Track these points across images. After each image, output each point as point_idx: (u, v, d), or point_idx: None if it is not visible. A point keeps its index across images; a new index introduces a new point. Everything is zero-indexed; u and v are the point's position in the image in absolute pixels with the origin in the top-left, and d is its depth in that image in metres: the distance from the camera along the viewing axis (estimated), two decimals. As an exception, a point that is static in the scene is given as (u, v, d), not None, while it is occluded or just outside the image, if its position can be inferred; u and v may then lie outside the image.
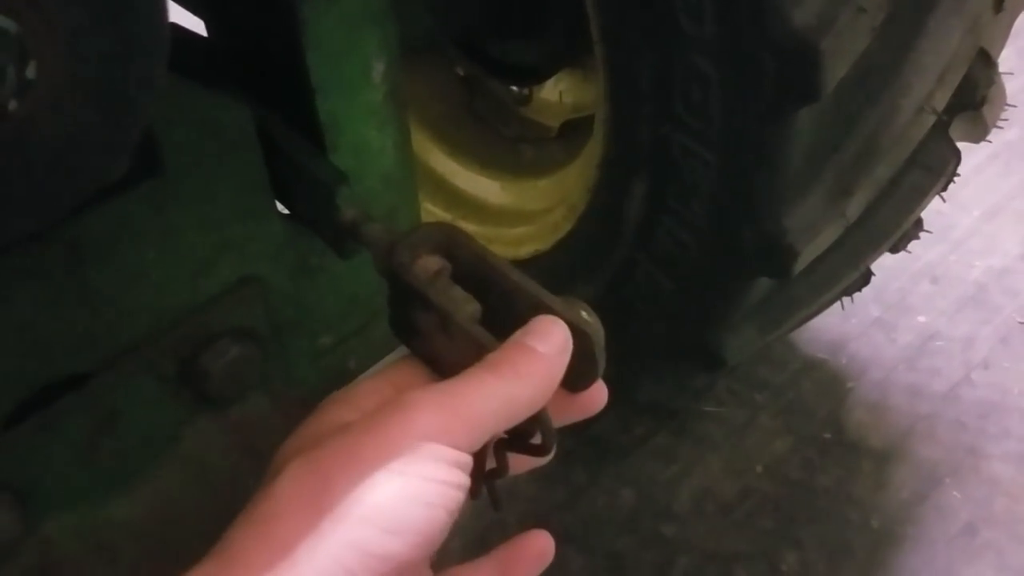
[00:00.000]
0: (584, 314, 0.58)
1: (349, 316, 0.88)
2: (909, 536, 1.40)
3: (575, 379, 0.57)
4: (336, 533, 0.44)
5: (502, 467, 0.57)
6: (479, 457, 0.57)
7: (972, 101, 0.99)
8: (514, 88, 1.48)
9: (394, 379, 0.56)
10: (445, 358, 0.57)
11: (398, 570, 0.45)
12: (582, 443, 1.50)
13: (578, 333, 0.56)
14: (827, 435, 1.53)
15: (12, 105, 0.40)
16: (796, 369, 1.61)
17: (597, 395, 0.56)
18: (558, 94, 1.45)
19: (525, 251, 1.30)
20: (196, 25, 0.80)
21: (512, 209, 1.44)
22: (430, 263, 0.61)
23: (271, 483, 0.47)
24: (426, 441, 0.46)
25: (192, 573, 0.45)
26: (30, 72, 0.39)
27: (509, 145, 1.53)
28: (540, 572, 0.57)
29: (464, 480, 0.48)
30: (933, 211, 1.16)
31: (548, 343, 0.51)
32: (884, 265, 1.20)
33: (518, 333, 0.53)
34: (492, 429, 0.49)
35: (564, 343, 0.52)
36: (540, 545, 0.57)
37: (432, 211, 1.45)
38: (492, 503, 0.58)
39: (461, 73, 1.53)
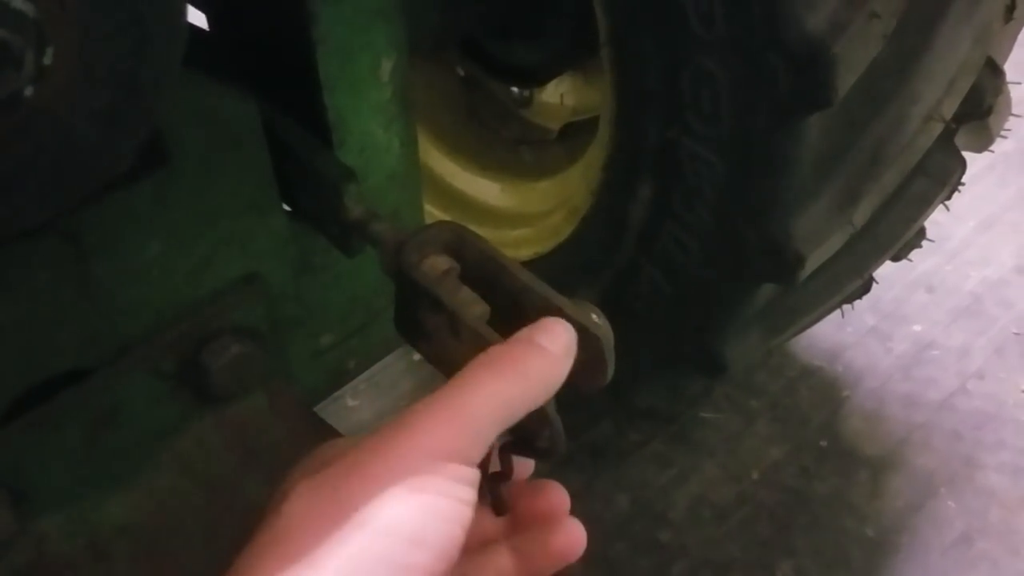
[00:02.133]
0: (594, 316, 0.57)
1: (350, 315, 0.88)
2: (904, 545, 1.40)
3: (584, 381, 0.57)
4: (359, 543, 0.43)
5: (507, 471, 0.56)
6: (483, 461, 0.56)
7: (979, 110, 0.99)
8: (515, 90, 1.47)
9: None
10: (452, 359, 0.56)
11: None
12: (578, 448, 1.49)
13: (588, 335, 0.55)
14: (823, 443, 1.53)
15: (28, 91, 0.39)
16: (792, 376, 1.61)
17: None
18: (559, 96, 1.44)
19: (525, 254, 1.29)
20: (196, 20, 0.79)
21: (512, 211, 1.44)
22: (438, 263, 0.60)
23: (280, 506, 0.46)
24: (437, 458, 0.45)
25: None
26: (47, 58, 0.39)
27: (509, 147, 1.52)
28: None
29: (473, 496, 0.47)
30: (929, 221, 1.16)
31: (555, 342, 0.51)
32: (880, 274, 1.20)
33: (525, 330, 0.52)
34: (497, 431, 0.48)
35: (570, 344, 0.51)
36: (572, 534, 0.56)
37: (431, 212, 1.44)
38: (496, 508, 0.57)
39: (462, 74, 1.52)
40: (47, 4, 0.37)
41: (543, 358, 0.50)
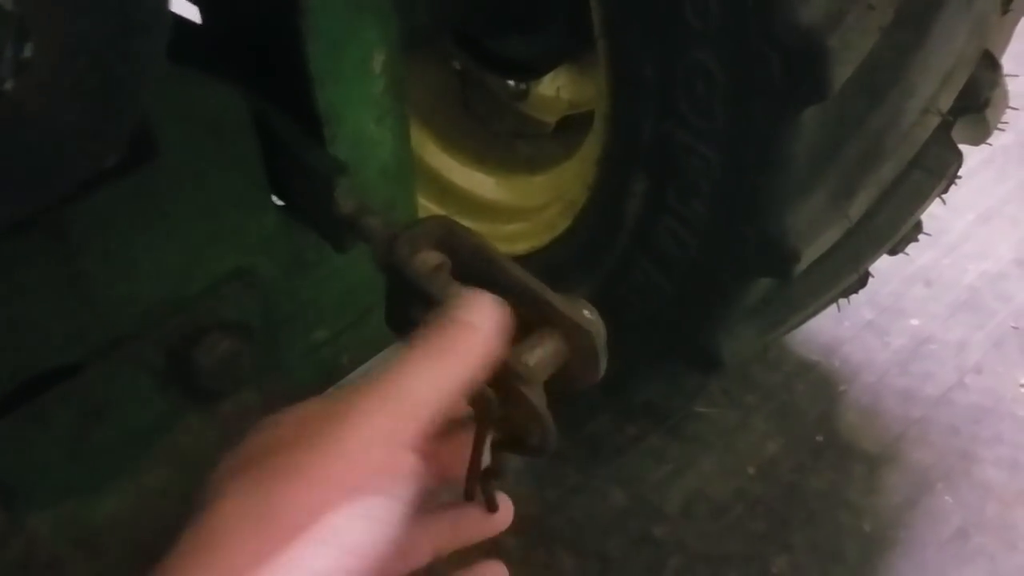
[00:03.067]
0: (586, 312, 0.56)
1: (343, 311, 0.87)
2: (901, 540, 1.40)
3: (577, 377, 0.56)
4: (286, 558, 0.41)
5: (498, 469, 0.56)
6: (474, 459, 0.56)
7: (976, 103, 0.99)
8: (510, 83, 1.46)
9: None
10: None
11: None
12: (574, 443, 1.49)
13: (580, 331, 0.55)
14: (819, 438, 1.52)
15: (8, 85, 0.38)
16: (789, 371, 1.60)
17: (503, 514, 0.56)
18: (555, 90, 1.44)
19: (520, 248, 1.29)
20: (191, 13, 0.78)
21: (507, 205, 1.43)
22: (430, 258, 0.59)
23: (212, 505, 0.44)
24: (373, 445, 0.44)
25: None
26: (27, 52, 0.38)
27: (504, 141, 1.52)
28: None
29: (410, 491, 0.45)
30: (928, 214, 1.15)
31: (481, 315, 0.49)
32: (878, 268, 1.19)
33: (451, 309, 0.50)
34: (434, 412, 0.47)
35: (498, 316, 0.50)
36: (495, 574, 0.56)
37: (426, 206, 1.44)
38: (487, 506, 0.57)
39: (457, 67, 1.51)
40: (26, -3, 0.37)
41: (472, 335, 0.49)
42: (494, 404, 0.53)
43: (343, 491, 0.43)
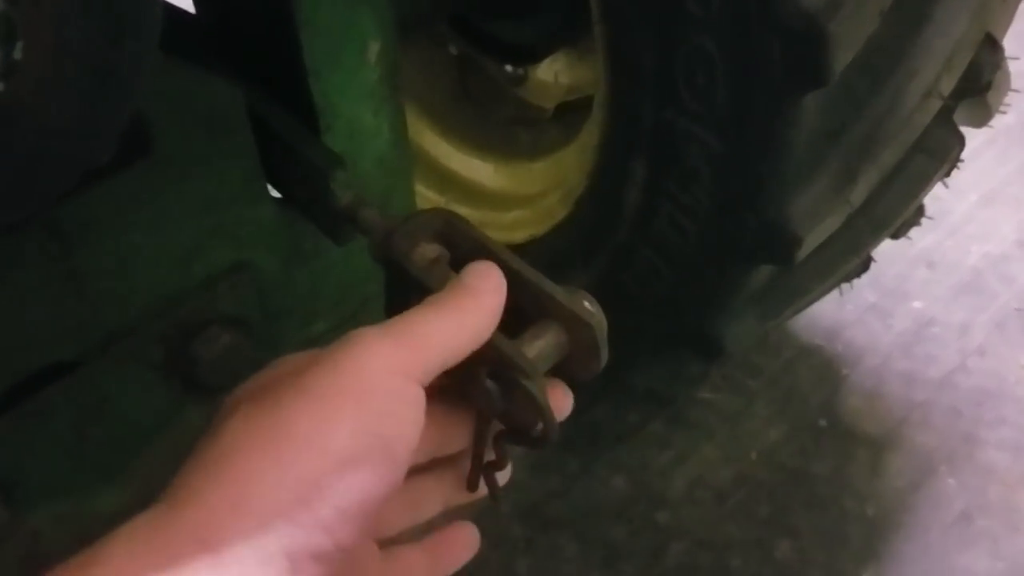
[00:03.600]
0: (587, 304, 0.56)
1: (342, 303, 0.87)
2: (904, 524, 1.40)
3: (578, 369, 0.56)
4: (294, 468, 0.42)
5: (501, 459, 0.56)
6: (477, 451, 0.56)
7: (978, 86, 0.98)
8: (508, 68, 1.45)
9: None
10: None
11: (361, 503, 0.43)
12: (576, 430, 1.49)
13: (580, 323, 0.55)
14: (822, 422, 1.52)
15: None
16: (791, 356, 1.60)
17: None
18: (553, 75, 1.42)
19: (520, 236, 1.28)
20: (185, 3, 0.77)
21: (506, 192, 1.42)
22: (428, 250, 0.59)
23: (221, 424, 0.45)
24: (380, 373, 0.45)
25: (141, 517, 0.42)
26: (17, 53, 0.38)
27: (503, 127, 1.51)
28: (465, 562, 0.58)
29: (418, 415, 0.47)
30: (930, 196, 1.15)
31: (485, 281, 0.53)
32: (880, 251, 1.19)
33: (457, 278, 0.54)
34: (442, 362, 0.49)
35: (499, 281, 0.53)
36: (466, 536, 0.58)
37: (424, 194, 1.43)
38: (491, 496, 0.57)
39: (454, 52, 1.50)
40: (15, -2, 0.36)
41: (479, 293, 0.52)
42: (496, 397, 0.53)
43: (350, 406, 0.44)
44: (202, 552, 0.40)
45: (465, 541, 0.58)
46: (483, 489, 0.57)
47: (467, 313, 0.51)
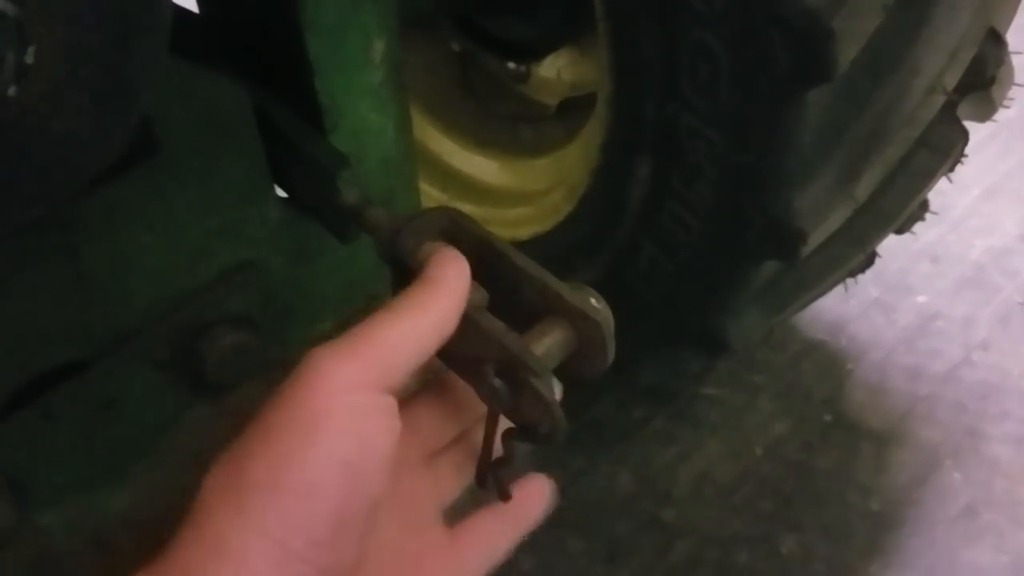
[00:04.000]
0: (592, 301, 0.56)
1: (348, 301, 0.87)
2: (909, 518, 1.40)
3: (584, 366, 0.57)
4: (258, 513, 0.43)
5: (509, 456, 0.56)
6: (486, 448, 0.56)
7: (981, 80, 0.98)
8: (511, 65, 1.45)
9: None
10: (452, 347, 0.56)
11: (337, 526, 0.44)
12: (580, 427, 1.49)
13: (587, 320, 0.55)
14: (827, 417, 1.52)
15: (11, 91, 0.38)
16: (796, 351, 1.60)
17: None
18: (556, 71, 1.43)
19: (524, 233, 1.28)
20: (189, 3, 0.77)
21: (510, 190, 1.42)
22: (435, 249, 0.59)
23: (197, 489, 0.46)
24: (336, 393, 0.45)
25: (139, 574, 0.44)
26: (29, 57, 0.38)
27: (506, 124, 1.51)
28: (541, 514, 0.59)
29: (388, 422, 0.47)
30: (933, 191, 1.15)
31: (443, 270, 0.52)
32: (884, 246, 1.19)
33: (424, 270, 0.53)
34: (408, 363, 0.49)
35: (459, 267, 0.53)
36: (538, 488, 0.59)
37: (427, 191, 1.43)
38: (499, 494, 0.57)
39: (457, 49, 1.50)
40: (29, 2, 0.36)
41: (432, 285, 0.51)
42: (504, 394, 0.53)
43: (302, 440, 0.44)
44: None
45: (538, 493, 0.58)
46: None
47: (426, 310, 0.50)
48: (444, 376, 0.58)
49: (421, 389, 0.58)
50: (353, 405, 0.45)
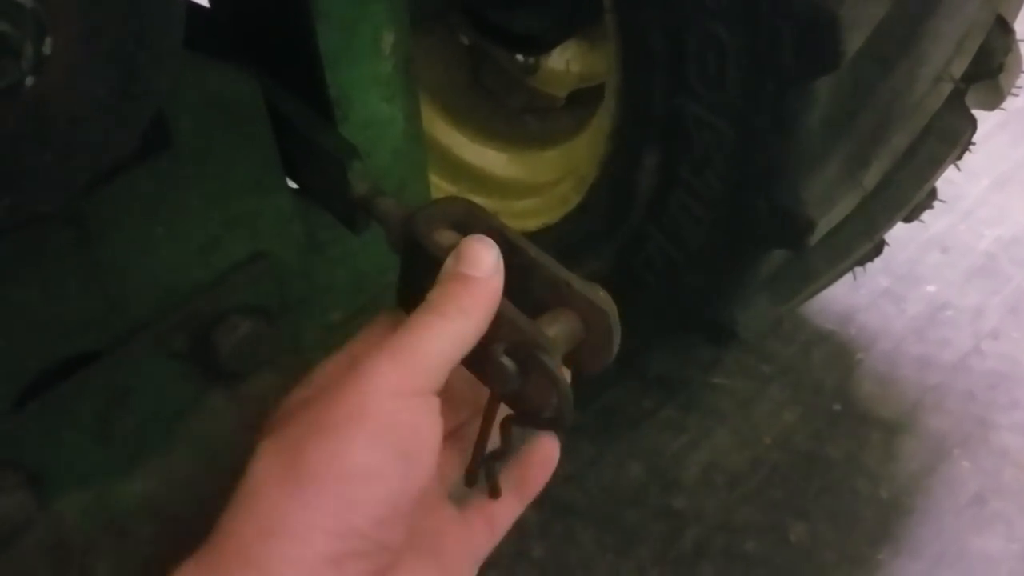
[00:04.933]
0: (600, 294, 0.57)
1: (359, 292, 0.87)
2: (918, 507, 1.40)
3: (590, 358, 0.57)
4: (319, 497, 0.45)
5: (506, 447, 0.57)
6: (480, 439, 0.56)
7: (989, 69, 0.98)
8: (520, 57, 1.46)
9: (353, 351, 0.58)
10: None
11: (394, 506, 0.47)
12: (590, 416, 1.50)
13: (596, 310, 0.55)
14: (836, 406, 1.52)
15: (29, 81, 0.39)
16: (805, 340, 1.60)
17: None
18: (565, 63, 1.43)
19: (533, 224, 1.29)
20: (201, -4, 0.78)
21: (519, 181, 1.43)
22: (446, 238, 0.60)
23: (248, 469, 0.49)
24: (385, 396, 0.48)
25: (190, 560, 0.46)
26: (46, 48, 0.38)
27: (515, 116, 1.51)
28: (550, 474, 0.60)
29: (435, 417, 0.49)
30: (943, 180, 1.15)
31: (481, 266, 0.53)
32: (893, 235, 1.19)
33: (449, 262, 0.54)
34: (448, 364, 0.51)
35: (496, 262, 0.54)
36: (544, 450, 0.59)
37: (437, 183, 1.44)
38: (490, 489, 0.58)
39: (466, 42, 1.51)
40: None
41: (477, 284, 0.52)
42: (511, 374, 0.53)
43: (359, 431, 0.47)
44: (249, 573, 0.44)
45: (544, 456, 0.59)
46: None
47: (467, 316, 0.51)
48: None
49: None
50: (404, 406, 0.48)
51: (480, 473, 0.57)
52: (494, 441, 0.57)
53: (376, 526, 0.46)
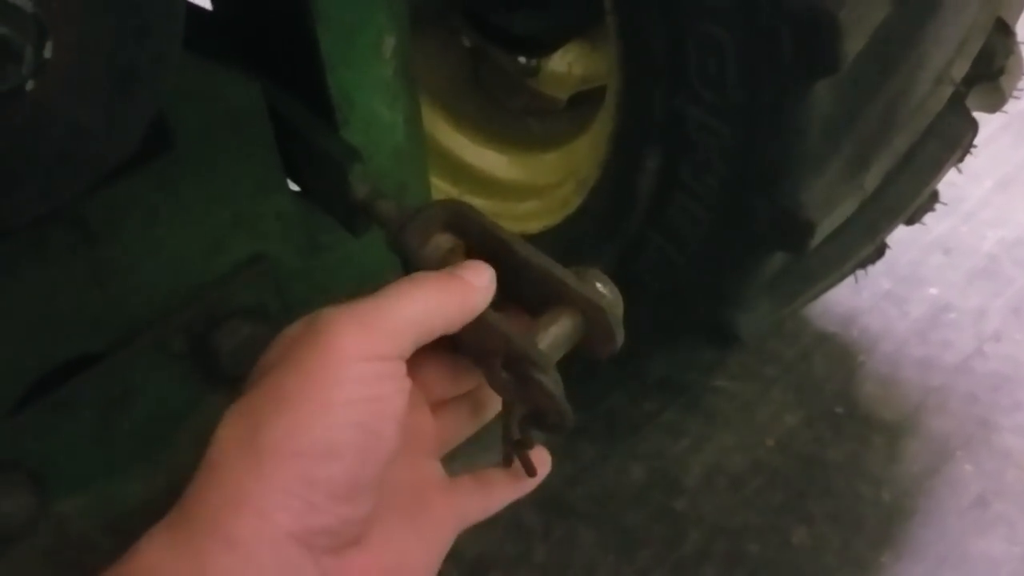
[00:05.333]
0: (599, 285, 0.57)
1: (359, 293, 0.87)
2: (920, 509, 1.40)
3: (595, 350, 0.57)
4: (278, 473, 0.45)
5: (528, 440, 0.58)
6: (506, 432, 0.57)
7: (990, 71, 0.98)
8: (521, 59, 1.46)
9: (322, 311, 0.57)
10: (460, 336, 0.57)
11: (353, 482, 0.46)
12: (592, 419, 1.50)
13: (593, 307, 0.56)
14: (838, 409, 1.52)
15: (29, 85, 0.39)
16: (807, 343, 1.60)
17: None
18: (566, 65, 1.43)
19: (534, 226, 1.29)
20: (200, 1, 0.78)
21: (520, 183, 1.43)
22: (442, 241, 0.60)
23: (215, 434, 0.48)
24: (348, 362, 0.47)
25: (163, 521, 0.46)
26: (47, 52, 0.39)
27: (516, 118, 1.52)
28: (542, 478, 0.60)
29: (399, 383, 0.48)
30: (945, 182, 1.15)
31: (474, 275, 0.54)
32: (895, 237, 1.19)
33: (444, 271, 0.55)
34: (417, 335, 0.50)
35: (489, 280, 0.54)
36: (538, 456, 0.60)
37: (438, 185, 1.44)
38: (526, 472, 0.59)
39: (467, 44, 1.51)
40: (45, -1, 0.37)
41: (463, 284, 0.53)
42: (511, 386, 0.54)
43: (319, 408, 0.46)
44: (219, 546, 0.44)
45: (538, 460, 0.60)
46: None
47: (447, 293, 0.52)
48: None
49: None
50: (365, 372, 0.47)
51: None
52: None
53: (337, 502, 0.46)
